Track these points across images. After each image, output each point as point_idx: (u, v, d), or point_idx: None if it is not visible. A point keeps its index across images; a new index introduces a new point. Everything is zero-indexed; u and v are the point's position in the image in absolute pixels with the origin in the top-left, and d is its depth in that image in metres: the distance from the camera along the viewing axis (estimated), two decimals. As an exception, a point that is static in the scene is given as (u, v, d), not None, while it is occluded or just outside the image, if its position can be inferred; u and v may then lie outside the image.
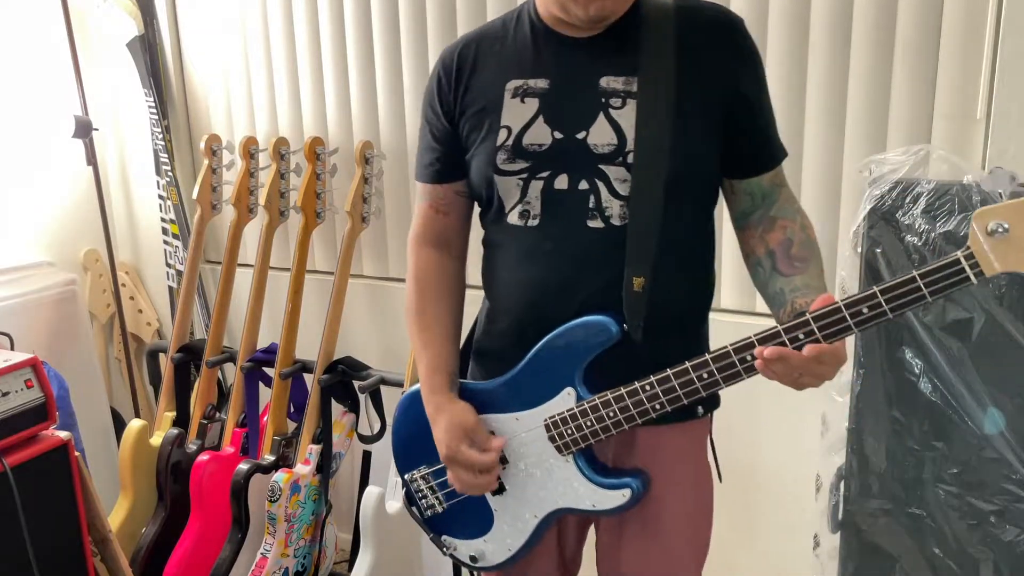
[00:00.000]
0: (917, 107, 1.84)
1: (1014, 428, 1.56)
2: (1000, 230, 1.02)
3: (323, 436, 2.35)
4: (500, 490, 1.40)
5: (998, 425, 1.57)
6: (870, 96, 1.88)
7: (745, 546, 2.22)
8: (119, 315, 2.84)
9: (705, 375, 1.20)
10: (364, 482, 2.42)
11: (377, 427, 2.36)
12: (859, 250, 1.65)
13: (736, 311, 2.10)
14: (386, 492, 2.19)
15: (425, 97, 1.41)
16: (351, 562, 2.28)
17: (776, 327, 1.14)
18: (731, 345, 1.18)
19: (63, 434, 1.90)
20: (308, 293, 2.43)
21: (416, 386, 1.45)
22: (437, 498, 1.47)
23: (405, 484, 1.49)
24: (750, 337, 1.16)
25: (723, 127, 1.27)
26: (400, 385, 2.24)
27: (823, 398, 1.80)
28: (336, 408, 2.40)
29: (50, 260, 2.74)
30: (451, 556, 1.50)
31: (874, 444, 1.70)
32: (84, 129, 2.64)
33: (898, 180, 1.64)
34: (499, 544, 1.43)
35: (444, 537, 1.49)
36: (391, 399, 2.31)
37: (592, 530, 1.51)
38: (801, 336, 1.12)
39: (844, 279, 1.74)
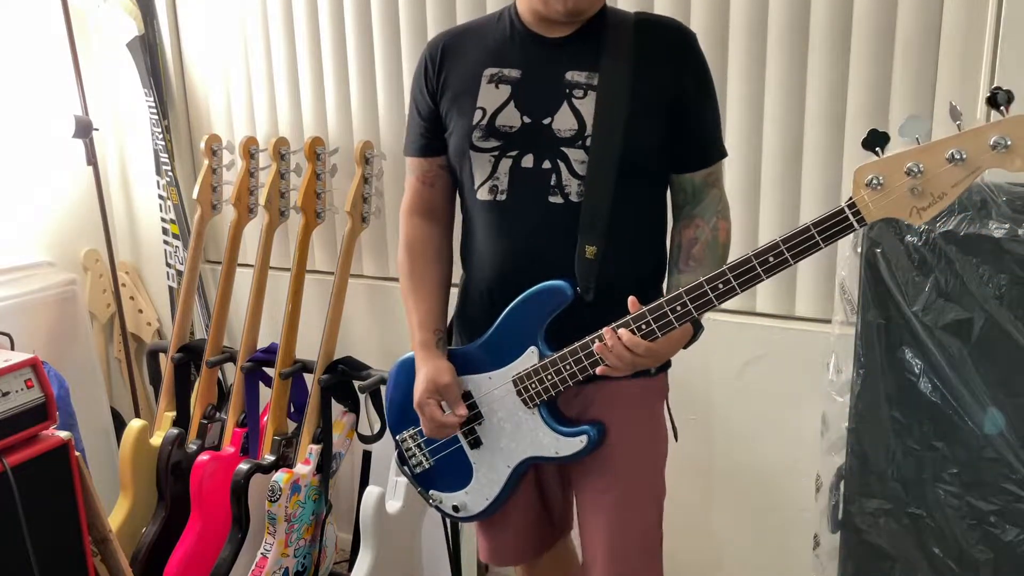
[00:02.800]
0: (917, 107, 1.84)
1: (1014, 428, 1.56)
2: (875, 182, 1.19)
3: (323, 436, 2.35)
4: (477, 444, 1.57)
5: (998, 425, 1.57)
6: (870, 96, 1.88)
7: (745, 546, 2.22)
8: (119, 315, 2.84)
9: (643, 326, 1.34)
10: (364, 482, 2.42)
11: (377, 427, 2.36)
12: (859, 250, 1.65)
13: (737, 311, 2.10)
14: (386, 492, 2.19)
15: (414, 81, 1.59)
16: (351, 562, 2.28)
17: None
18: (664, 299, 1.34)
19: (63, 434, 1.90)
20: (308, 293, 2.43)
21: (409, 353, 1.60)
22: (424, 455, 1.63)
23: (397, 444, 1.66)
24: (679, 291, 1.33)
25: (668, 123, 1.44)
26: (400, 385, 2.24)
27: (823, 398, 1.80)
28: (336, 408, 2.40)
29: (50, 260, 2.74)
30: (436, 508, 1.66)
31: (874, 444, 1.70)
32: (84, 129, 2.64)
33: (898, 180, 1.64)
34: (478, 495, 1.59)
35: (431, 492, 1.65)
36: (391, 399, 2.32)
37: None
38: (720, 286, 1.30)
39: (844, 279, 1.74)
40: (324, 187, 2.41)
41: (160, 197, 2.79)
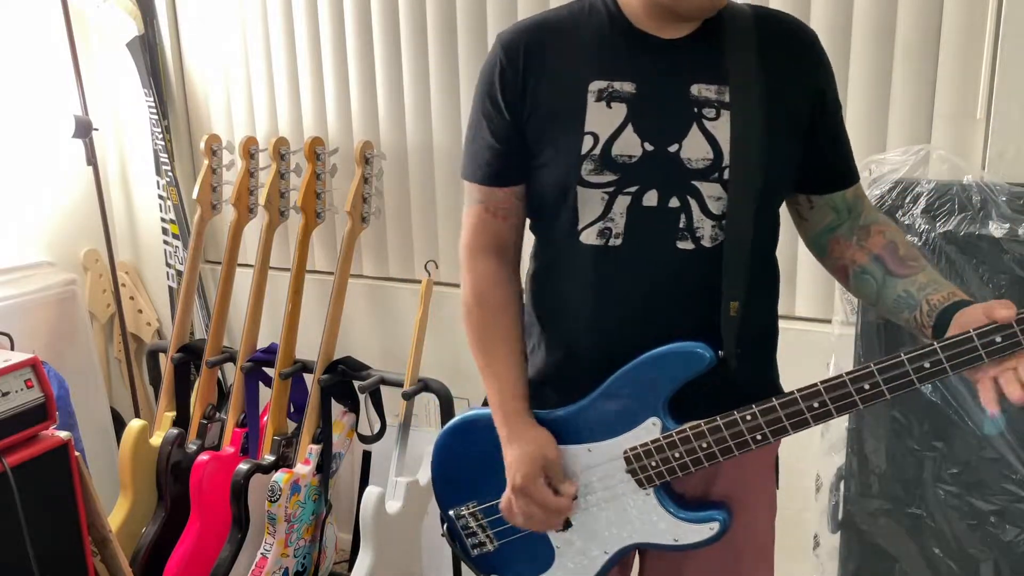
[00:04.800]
0: (917, 107, 1.84)
1: (1014, 428, 1.56)
2: None
3: (323, 436, 2.35)
4: (566, 525, 1.31)
5: (998, 426, 1.57)
6: (870, 96, 1.88)
7: (745, 546, 2.22)
8: (119, 315, 2.84)
9: (816, 404, 1.12)
10: (364, 482, 2.42)
11: (377, 427, 2.36)
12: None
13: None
14: (386, 492, 2.19)
15: (481, 87, 1.25)
16: (351, 562, 2.28)
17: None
18: (847, 374, 1.10)
19: (63, 434, 1.90)
20: (308, 293, 2.43)
21: (465, 414, 1.38)
22: (488, 536, 1.36)
23: (449, 519, 1.39)
24: (868, 365, 1.08)
25: (808, 140, 1.21)
26: (400, 385, 2.24)
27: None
28: (336, 408, 2.40)
29: (50, 260, 2.74)
30: None
31: (874, 444, 1.70)
32: (84, 129, 2.64)
33: (898, 180, 1.64)
34: None
35: None
36: (391, 399, 2.32)
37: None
38: (930, 364, 1.05)
39: (844, 279, 1.74)
40: (324, 187, 2.41)
41: (160, 197, 2.79)
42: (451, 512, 1.39)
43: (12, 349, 2.20)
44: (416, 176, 2.45)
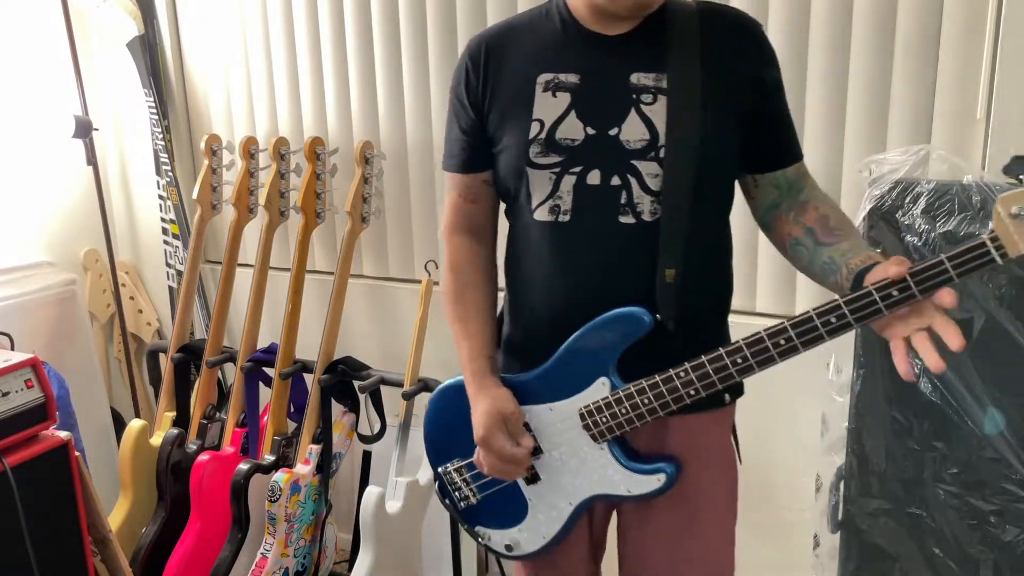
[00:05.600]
0: (917, 107, 1.85)
1: (1014, 428, 1.56)
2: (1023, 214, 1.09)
3: (323, 436, 2.35)
4: (535, 479, 1.44)
5: (998, 426, 1.57)
6: (870, 96, 1.88)
7: (745, 545, 2.22)
8: (119, 315, 2.84)
9: (739, 360, 1.24)
10: (364, 482, 2.42)
11: (377, 427, 2.36)
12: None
13: (736, 311, 2.09)
14: (386, 492, 2.19)
15: (452, 88, 1.42)
16: (351, 562, 2.28)
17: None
18: (765, 330, 1.21)
19: (63, 434, 1.90)
20: (308, 293, 2.43)
21: (450, 380, 1.50)
22: (471, 490, 1.50)
23: (438, 476, 1.53)
24: (783, 322, 1.20)
25: (749, 123, 1.31)
26: (400, 385, 2.24)
27: (823, 398, 1.80)
28: (336, 408, 2.40)
29: (50, 260, 2.74)
30: (485, 546, 1.54)
31: (874, 444, 1.70)
32: (84, 129, 2.64)
33: (898, 180, 1.64)
34: (534, 533, 1.47)
35: (478, 528, 1.53)
36: (391, 399, 2.32)
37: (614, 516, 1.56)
38: (833, 320, 1.17)
39: (844, 279, 1.74)
40: (324, 187, 2.41)
41: (160, 197, 2.79)
42: (439, 469, 1.53)
43: (12, 349, 2.20)
44: (416, 176, 2.45)
